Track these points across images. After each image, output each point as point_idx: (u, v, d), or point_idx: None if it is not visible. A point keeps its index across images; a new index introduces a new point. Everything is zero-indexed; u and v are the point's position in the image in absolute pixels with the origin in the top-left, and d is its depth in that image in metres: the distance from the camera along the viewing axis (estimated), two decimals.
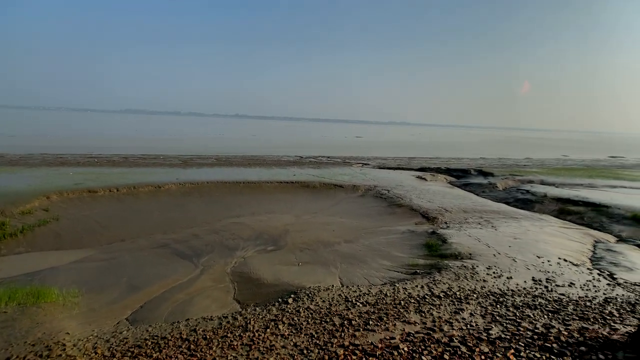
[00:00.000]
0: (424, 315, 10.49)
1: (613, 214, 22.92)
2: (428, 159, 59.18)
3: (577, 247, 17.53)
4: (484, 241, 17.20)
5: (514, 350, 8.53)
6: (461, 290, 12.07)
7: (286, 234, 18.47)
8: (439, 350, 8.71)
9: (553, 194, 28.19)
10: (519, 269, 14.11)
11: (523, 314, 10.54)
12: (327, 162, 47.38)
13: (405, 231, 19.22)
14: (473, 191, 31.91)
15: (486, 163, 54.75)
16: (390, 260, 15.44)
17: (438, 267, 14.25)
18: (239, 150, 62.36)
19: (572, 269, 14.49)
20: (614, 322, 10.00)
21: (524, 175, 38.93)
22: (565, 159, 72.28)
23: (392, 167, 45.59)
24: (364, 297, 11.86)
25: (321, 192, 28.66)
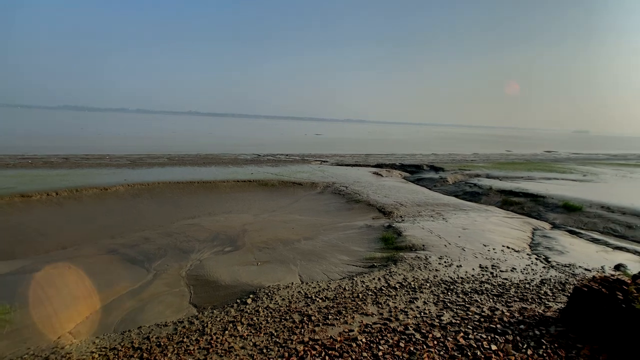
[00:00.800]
0: (381, 306, 10.83)
1: (548, 203, 25.10)
2: (384, 155, 60.95)
3: (518, 234, 18.98)
4: (436, 233, 18.08)
5: (463, 334, 9.09)
6: (415, 280, 12.61)
7: (244, 234, 18.13)
8: (395, 339, 9.05)
9: (497, 186, 30.27)
10: (468, 258, 15.01)
11: (471, 299, 11.24)
12: (285, 160, 47.15)
13: (363, 226, 19.67)
14: (426, 186, 33.42)
15: (438, 159, 57.53)
16: (348, 255, 15.72)
17: (394, 259, 14.75)
18: (193, 148, 59.91)
19: (514, 255, 15.69)
20: (548, 301, 11.00)
21: (471, 169, 41.40)
22: (508, 154, 77.96)
23: (350, 163, 46.40)
24: (323, 292, 11.98)
25: (280, 190, 28.48)
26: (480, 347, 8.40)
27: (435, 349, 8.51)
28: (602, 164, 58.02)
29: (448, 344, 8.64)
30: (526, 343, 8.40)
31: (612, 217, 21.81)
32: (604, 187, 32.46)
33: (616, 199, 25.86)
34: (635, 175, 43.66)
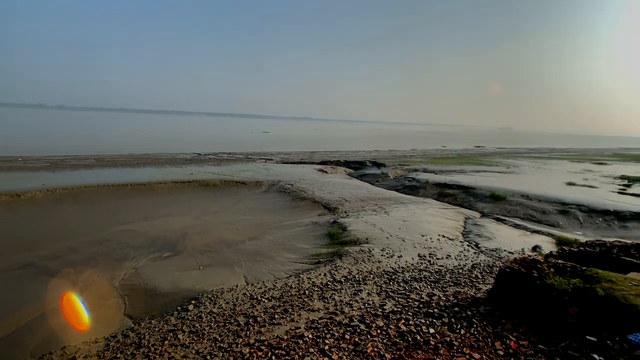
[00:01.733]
0: (326, 301, 10.97)
1: (478, 194, 27.36)
2: (329, 152, 61.89)
3: (453, 224, 20.42)
4: (378, 226, 18.77)
5: (404, 320, 9.53)
6: (360, 273, 12.96)
7: (185, 238, 17.24)
8: (341, 332, 9.21)
9: (433, 180, 32.30)
10: (408, 248, 15.80)
11: (411, 287, 11.84)
12: (228, 159, 45.73)
13: (309, 223, 19.77)
14: (369, 181, 34.58)
15: (380, 155, 59.83)
16: (295, 253, 15.70)
17: (339, 254, 15.03)
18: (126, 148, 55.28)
19: (449, 243, 16.85)
20: (479, 283, 11.97)
21: (410, 164, 43.70)
22: (444, 149, 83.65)
23: (295, 161, 46.39)
24: (269, 292, 11.82)
25: (222, 190, 27.54)
26: (419, 331, 8.87)
27: (379, 338, 8.82)
28: (523, 157, 64.76)
29: (390, 332, 9.00)
30: (460, 324, 9.05)
31: (531, 204, 24.42)
32: (524, 178, 36.25)
33: (533, 188, 29.00)
34: (548, 166, 49.37)
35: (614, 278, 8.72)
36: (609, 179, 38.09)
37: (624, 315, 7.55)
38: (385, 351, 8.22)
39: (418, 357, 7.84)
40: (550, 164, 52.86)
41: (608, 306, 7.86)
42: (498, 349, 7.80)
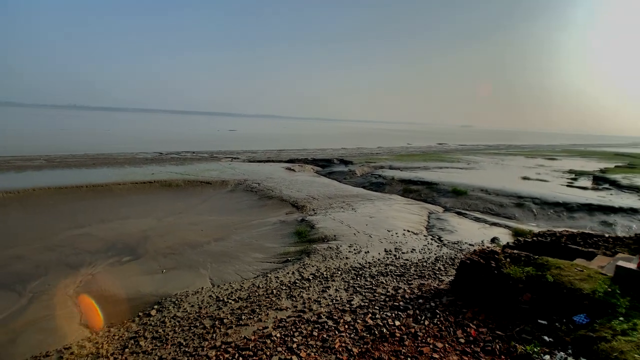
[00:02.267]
0: (295, 300, 10.92)
1: (440, 189, 28.37)
2: (296, 150, 61.74)
3: (417, 219, 21.03)
4: (346, 223, 18.95)
5: (371, 314, 9.69)
6: (328, 270, 13.02)
7: (146, 240, 16.50)
8: (309, 329, 9.21)
9: (399, 176, 33.11)
10: (374, 243, 16.08)
11: (378, 281, 12.06)
12: (192, 158, 44.34)
13: (277, 222, 19.59)
14: (336, 178, 34.86)
15: (347, 152, 60.50)
16: (262, 253, 15.50)
17: (307, 251, 15.01)
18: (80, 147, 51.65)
19: (414, 237, 17.33)
20: (441, 275, 12.41)
21: (377, 161, 44.53)
22: (409, 146, 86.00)
23: (263, 159, 45.85)
24: (236, 293, 11.60)
25: (186, 190, 26.66)
26: (386, 324, 9.05)
27: (347, 333, 8.91)
28: (482, 153, 67.97)
29: (358, 326, 9.12)
30: (424, 315, 9.33)
31: (489, 198, 25.65)
32: (483, 173, 38.03)
33: (492, 183, 30.51)
34: (506, 162, 52.15)
35: (562, 265, 9.35)
36: (558, 173, 40.87)
37: (571, 298, 8.11)
38: (352, 345, 8.31)
39: (384, 350, 8.00)
40: (507, 159, 55.87)
41: (557, 291, 8.41)
42: (459, 337, 8.12)
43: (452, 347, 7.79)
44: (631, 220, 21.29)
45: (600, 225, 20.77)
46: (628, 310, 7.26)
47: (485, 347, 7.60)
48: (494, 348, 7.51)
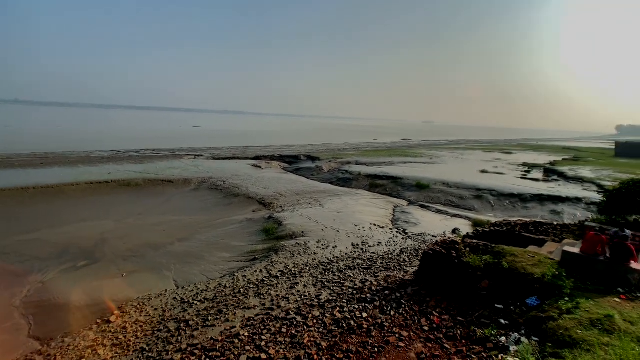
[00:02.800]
0: (263, 297, 10.83)
1: (405, 183, 29.19)
2: (263, 147, 61.00)
3: (383, 213, 21.51)
4: (314, 219, 19.02)
5: (339, 308, 9.81)
6: (296, 266, 13.02)
7: (104, 244, 15.66)
8: (277, 326, 9.18)
9: (365, 172, 33.67)
10: (342, 238, 16.28)
11: (346, 275, 12.24)
12: (152, 156, 42.50)
13: (244, 220, 19.29)
14: (304, 175, 34.85)
15: (314, 149, 60.62)
16: (229, 252, 15.22)
17: (275, 249, 14.92)
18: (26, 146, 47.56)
19: (380, 231, 17.72)
20: (406, 266, 12.80)
21: (343, 157, 45.00)
22: (375, 142, 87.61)
23: (228, 157, 44.88)
24: (202, 294, 11.32)
25: (147, 189, 25.53)
26: (353, 317, 9.21)
27: (315, 327, 8.97)
28: (443, 148, 70.64)
29: (326, 320, 9.20)
30: (390, 305, 9.58)
31: (451, 191, 26.75)
32: (444, 168, 39.55)
33: (453, 176, 31.81)
34: (465, 156, 54.55)
35: (516, 252, 9.95)
36: (513, 166, 43.38)
37: (524, 283, 8.66)
38: (321, 340, 8.39)
39: (352, 342, 8.14)
40: (467, 154, 58.47)
41: (512, 277, 8.95)
42: (424, 325, 8.42)
43: (416, 335, 8.07)
44: (576, 208, 23.05)
45: (550, 214, 22.30)
46: (572, 291, 7.86)
47: (448, 333, 7.95)
48: (456, 334, 7.86)
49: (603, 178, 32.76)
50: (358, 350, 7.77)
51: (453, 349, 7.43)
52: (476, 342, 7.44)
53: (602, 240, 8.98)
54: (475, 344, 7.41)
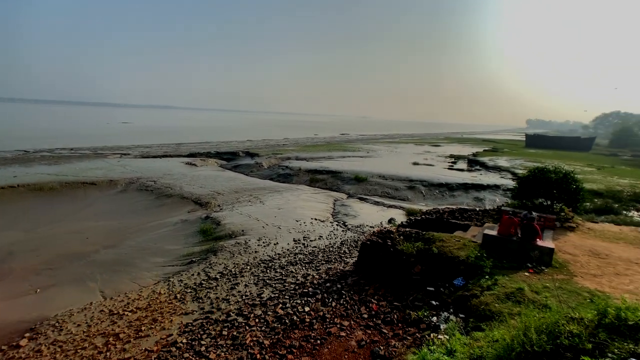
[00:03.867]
0: (201, 301, 10.37)
1: (344, 177, 29.93)
2: (197, 143, 58.19)
3: (324, 207, 21.84)
4: (254, 216, 18.66)
5: (282, 304, 9.78)
6: (236, 266, 12.67)
7: (11, 258, 13.71)
8: (218, 329, 8.86)
9: (305, 167, 33.85)
10: (284, 234, 16.20)
11: (288, 271, 12.21)
12: (70, 156, 38.14)
13: (178, 221, 18.25)
14: (243, 172, 33.98)
15: (253, 145, 59.40)
16: (163, 256, 14.29)
17: (214, 250, 14.36)
18: None
19: (321, 225, 17.97)
20: (347, 258, 13.16)
21: (283, 153, 44.73)
22: (315, 137, 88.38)
23: (159, 155, 42.01)
24: (134, 303, 10.49)
25: (64, 194, 22.83)
26: (296, 312, 9.24)
27: (257, 326, 8.83)
28: (379, 142, 73.78)
29: (268, 318, 9.11)
30: (331, 297, 9.79)
31: (386, 183, 28.05)
32: (380, 161, 41.34)
33: (388, 169, 33.39)
34: (399, 149, 57.56)
35: (444, 238, 10.76)
36: (442, 158, 46.82)
37: (451, 265, 9.41)
38: (264, 338, 8.29)
39: (295, 337, 8.17)
40: (400, 147, 61.77)
41: (441, 261, 9.66)
42: (363, 313, 8.74)
43: (357, 324, 8.35)
44: (495, 195, 25.63)
45: (474, 201, 24.52)
46: (492, 269, 8.74)
47: (385, 319, 8.35)
48: (393, 318, 8.29)
49: (516, 167, 36.85)
50: (301, 345, 7.82)
51: (390, 332, 7.82)
52: (411, 324, 7.92)
53: (515, 223, 10.11)
54: (410, 326, 7.88)
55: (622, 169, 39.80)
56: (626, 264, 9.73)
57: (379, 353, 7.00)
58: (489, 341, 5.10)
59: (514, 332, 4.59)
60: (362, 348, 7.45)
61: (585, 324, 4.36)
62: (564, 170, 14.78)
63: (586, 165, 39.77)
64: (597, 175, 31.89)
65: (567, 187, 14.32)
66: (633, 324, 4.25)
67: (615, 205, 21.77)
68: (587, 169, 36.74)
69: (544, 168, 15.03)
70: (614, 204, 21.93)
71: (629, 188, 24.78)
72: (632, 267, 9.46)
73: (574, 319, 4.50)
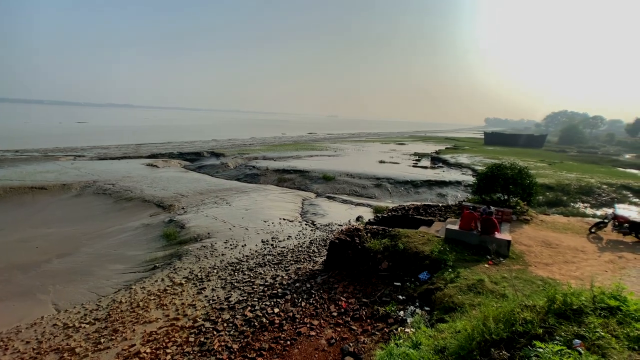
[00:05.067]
0: (166, 308, 9.99)
1: (312, 176, 29.98)
2: (159, 144, 55.98)
3: (292, 206, 21.75)
4: (220, 218, 18.23)
5: (250, 307, 9.62)
6: (202, 270, 12.32)
7: None
8: (184, 336, 8.58)
9: (273, 166, 33.55)
10: (251, 236, 15.96)
11: (256, 273, 12.04)
12: (16, 159, 35.33)
13: (140, 226, 17.46)
14: (208, 173, 33.10)
15: (218, 145, 58.04)
16: (124, 263, 13.63)
17: (179, 254, 13.88)
18: None
19: (289, 224, 17.88)
20: (315, 257, 13.19)
21: (250, 153, 44.07)
22: (282, 136, 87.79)
23: (117, 156, 39.95)
24: (91, 314, 9.92)
25: (8, 200, 21.07)
26: (265, 314, 9.12)
27: (226, 331, 8.64)
28: (347, 141, 74.58)
29: (237, 322, 8.93)
30: (301, 297, 9.76)
31: (354, 181, 28.41)
32: (348, 159, 41.80)
33: (355, 167, 33.83)
34: (366, 148, 58.50)
35: (409, 233, 11.05)
36: (407, 156, 48.14)
37: (417, 260, 9.69)
38: (232, 342, 8.12)
39: (265, 339, 8.07)
40: (367, 146, 62.81)
41: (406, 256, 9.92)
42: (333, 311, 8.79)
43: (326, 322, 8.38)
44: (456, 190, 26.71)
45: (437, 197, 25.42)
46: (454, 262, 9.09)
47: (355, 315, 8.44)
48: (361, 314, 8.40)
49: (476, 163, 38.61)
50: (271, 347, 7.73)
51: (359, 329, 7.92)
52: (379, 320, 8.07)
53: (475, 217, 10.57)
54: (378, 322, 8.02)
55: (570, 164, 42.91)
56: (573, 252, 10.48)
57: (349, 350, 7.07)
58: (452, 332, 5.30)
59: (475, 322, 4.80)
60: (332, 346, 7.49)
61: (537, 311, 4.64)
62: (519, 167, 15.65)
63: (539, 161, 42.49)
64: (549, 170, 34.17)
65: (522, 182, 15.18)
66: (577, 307, 4.58)
67: (564, 198, 23.44)
68: (540, 164, 39.25)
69: (501, 164, 15.85)
70: (563, 197, 23.60)
71: (575, 182, 26.73)
72: (579, 255, 10.21)
73: (527, 306, 4.78)
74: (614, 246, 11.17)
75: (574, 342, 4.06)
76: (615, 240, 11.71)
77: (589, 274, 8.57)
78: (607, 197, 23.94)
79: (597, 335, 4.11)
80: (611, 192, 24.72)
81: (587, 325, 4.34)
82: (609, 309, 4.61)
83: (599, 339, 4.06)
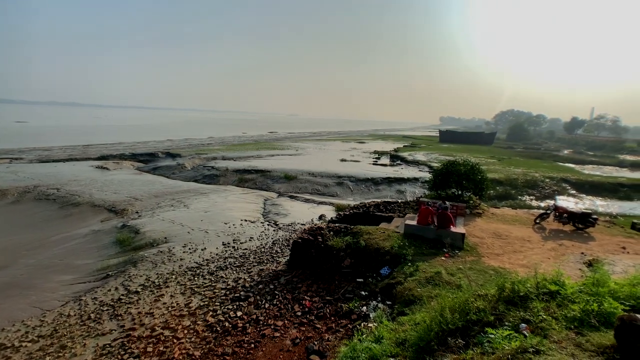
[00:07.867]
0: (121, 318, 9.43)
1: (274, 176, 29.70)
2: (110, 145, 52.68)
3: (254, 207, 21.40)
4: (178, 221, 17.53)
5: (212, 312, 9.36)
6: (160, 277, 11.77)
7: None
8: (142, 347, 8.16)
9: (233, 167, 32.80)
10: (211, 239, 15.50)
11: (217, 276, 11.71)
12: None
13: (89, 233, 16.33)
14: (163, 174, 31.65)
15: (174, 145, 55.76)
16: (72, 273, 12.67)
17: (133, 261, 13.14)
18: None
19: (251, 226, 17.59)
20: (279, 257, 13.09)
21: (208, 153, 42.76)
22: (242, 135, 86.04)
23: (62, 158, 37.03)
24: (34, 331, 9.13)
25: None
26: (228, 318, 8.92)
27: (187, 338, 8.33)
28: (308, 140, 74.73)
29: (198, 328, 8.65)
30: (264, 299, 9.65)
31: (316, 180, 28.53)
32: (309, 158, 41.91)
33: (317, 166, 34.00)
34: (327, 146, 58.99)
35: (370, 230, 11.31)
36: (367, 154, 49.17)
37: (378, 256, 9.94)
38: (194, 349, 7.85)
39: (228, 343, 7.89)
40: (328, 144, 63.37)
41: (368, 253, 10.15)
42: (297, 311, 8.79)
43: (290, 322, 8.36)
44: (414, 187, 27.74)
45: (397, 194, 26.23)
46: (413, 257, 9.44)
47: (319, 314, 8.50)
48: (325, 312, 8.48)
49: (432, 160, 40.34)
50: (234, 351, 7.58)
51: (324, 327, 7.99)
52: (343, 317, 8.19)
53: (431, 212, 11.05)
54: (342, 318, 8.14)
55: (517, 159, 46.17)
56: (521, 242, 11.29)
57: (314, 348, 7.11)
58: (412, 324, 5.51)
59: (433, 313, 5.03)
60: (297, 346, 7.49)
61: (489, 299, 4.95)
62: (471, 163, 16.57)
63: (489, 158, 45.27)
64: (498, 166, 36.53)
65: (474, 178, 16.09)
66: (523, 294, 4.95)
67: (513, 192, 25.20)
68: (490, 160, 41.85)
69: (455, 161, 16.68)
70: (512, 191, 25.36)
71: (522, 176, 28.81)
72: (526, 245, 11.02)
73: (480, 295, 5.08)
74: (556, 235, 12.19)
75: (520, 326, 4.39)
76: (556, 230, 12.79)
77: (535, 261, 9.28)
78: (549, 190, 26.08)
79: (540, 318, 4.47)
80: (553, 185, 26.97)
81: (531, 309, 4.70)
82: (550, 294, 5.02)
83: (541, 322, 4.41)
